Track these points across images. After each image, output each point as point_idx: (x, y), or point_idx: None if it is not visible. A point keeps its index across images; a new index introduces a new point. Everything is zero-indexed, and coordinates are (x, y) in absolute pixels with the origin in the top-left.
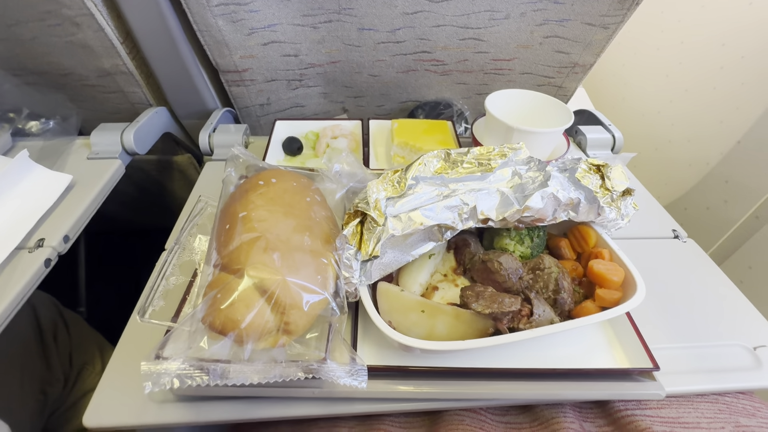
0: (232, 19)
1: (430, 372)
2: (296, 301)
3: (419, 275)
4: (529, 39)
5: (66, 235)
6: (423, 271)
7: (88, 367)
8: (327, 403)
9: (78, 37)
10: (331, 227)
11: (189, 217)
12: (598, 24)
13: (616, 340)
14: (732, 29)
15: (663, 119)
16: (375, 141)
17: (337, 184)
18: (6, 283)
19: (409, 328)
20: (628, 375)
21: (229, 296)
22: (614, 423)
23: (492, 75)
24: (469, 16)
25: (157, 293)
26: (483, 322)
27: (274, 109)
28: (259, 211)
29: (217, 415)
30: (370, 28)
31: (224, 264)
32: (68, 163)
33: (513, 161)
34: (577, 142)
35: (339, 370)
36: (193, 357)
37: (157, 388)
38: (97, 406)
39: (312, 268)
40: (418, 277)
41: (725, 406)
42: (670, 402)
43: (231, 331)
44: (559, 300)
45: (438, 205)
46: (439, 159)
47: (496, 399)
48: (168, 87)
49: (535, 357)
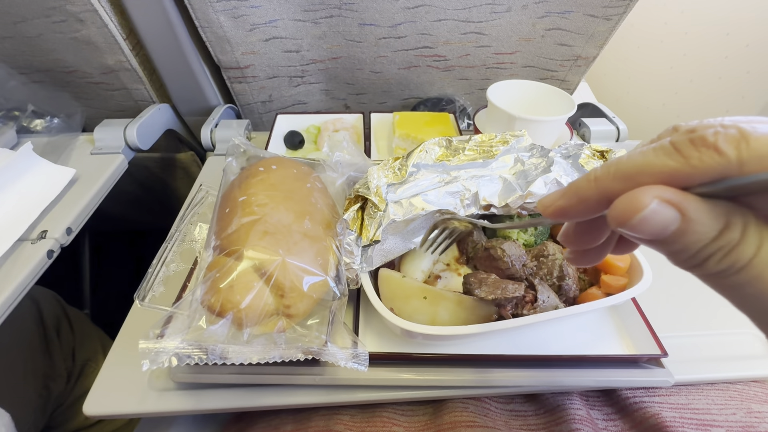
0: (233, 15)
1: (433, 359)
2: (296, 283)
3: (422, 262)
4: (531, 32)
5: (69, 227)
6: (426, 258)
7: (90, 363)
8: (328, 391)
9: (82, 33)
10: (331, 213)
11: (190, 206)
12: (601, 15)
13: (624, 328)
14: (736, 18)
15: (668, 111)
16: (376, 134)
17: (337, 172)
18: (9, 273)
19: (411, 315)
20: (636, 362)
21: (227, 277)
22: (622, 410)
23: (494, 69)
24: (470, 10)
25: (157, 279)
26: (486, 309)
27: (276, 106)
28: (259, 196)
29: (217, 403)
30: (371, 23)
31: (223, 246)
32: (72, 158)
33: (515, 148)
34: (581, 134)
35: (340, 353)
36: (192, 337)
37: (155, 366)
38: (98, 394)
39: (312, 252)
40: (420, 264)
41: (736, 393)
42: (679, 389)
43: (229, 312)
44: (564, 286)
45: (439, 191)
46: (441, 146)
47: (501, 387)
48: (171, 83)
49: (541, 345)
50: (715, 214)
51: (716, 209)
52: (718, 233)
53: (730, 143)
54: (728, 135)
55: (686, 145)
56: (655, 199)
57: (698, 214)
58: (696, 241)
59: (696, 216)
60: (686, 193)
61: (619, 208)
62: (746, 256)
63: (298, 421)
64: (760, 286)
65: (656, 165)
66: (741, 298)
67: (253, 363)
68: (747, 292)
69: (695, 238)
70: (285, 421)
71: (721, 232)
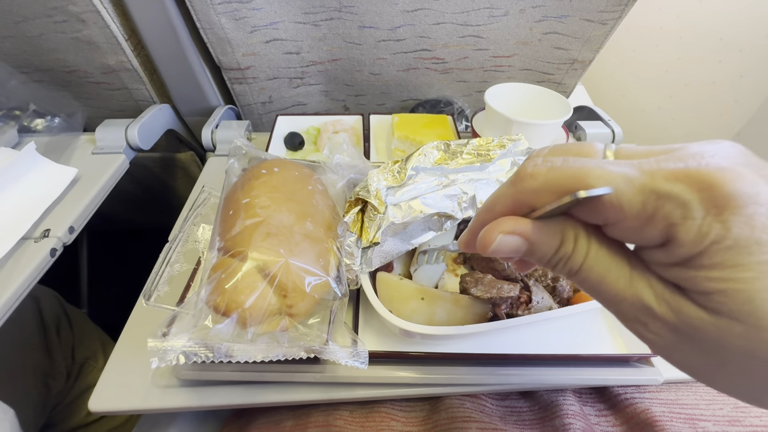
0: (234, 16)
1: (431, 357)
2: (298, 283)
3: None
4: (528, 35)
5: (71, 226)
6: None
7: (90, 362)
8: (328, 388)
9: (84, 33)
10: (332, 215)
11: (192, 207)
12: (597, 20)
13: (616, 329)
14: (729, 23)
15: (663, 114)
16: (376, 135)
17: (338, 174)
18: (12, 271)
19: (409, 316)
20: (627, 361)
21: (232, 278)
22: (614, 406)
23: (492, 72)
24: (469, 14)
25: (162, 279)
26: (481, 308)
27: (276, 107)
28: (261, 198)
29: (219, 400)
30: (370, 26)
31: (227, 248)
32: (73, 158)
33: (512, 152)
34: (576, 137)
35: (341, 351)
36: (198, 336)
37: (163, 363)
38: (102, 390)
39: (314, 253)
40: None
41: None
42: (668, 386)
43: (234, 312)
44: (558, 288)
45: (437, 194)
46: (439, 150)
47: (497, 384)
48: (171, 84)
49: (535, 345)
50: (552, 233)
51: (554, 228)
52: (557, 249)
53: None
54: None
55: (516, 176)
56: (499, 234)
57: (537, 235)
58: (544, 254)
59: (536, 238)
60: (527, 220)
61: (479, 242)
62: (578, 262)
63: (298, 417)
64: (593, 279)
65: (504, 195)
66: (585, 289)
67: (257, 361)
68: (587, 285)
69: (542, 253)
70: (285, 416)
71: (558, 248)
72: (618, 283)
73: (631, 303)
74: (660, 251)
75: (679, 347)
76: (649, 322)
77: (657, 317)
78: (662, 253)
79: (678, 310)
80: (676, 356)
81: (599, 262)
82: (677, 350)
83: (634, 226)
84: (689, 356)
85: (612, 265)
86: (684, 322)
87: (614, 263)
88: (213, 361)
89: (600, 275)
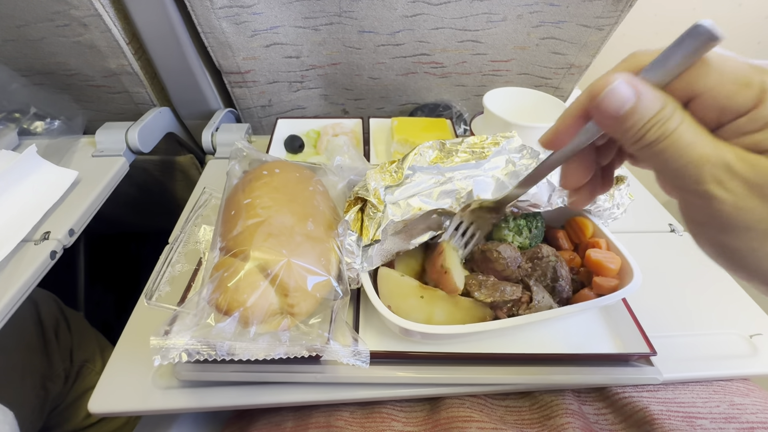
0: (235, 21)
1: (431, 357)
2: (300, 283)
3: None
4: (525, 40)
5: (71, 228)
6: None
7: (88, 365)
8: (329, 389)
9: (85, 37)
10: (333, 216)
11: (193, 208)
12: (593, 25)
13: (615, 328)
14: (723, 30)
15: None
16: (375, 139)
17: (338, 176)
18: (13, 274)
19: (408, 314)
20: (627, 360)
21: (234, 277)
22: (612, 405)
23: (490, 76)
24: (467, 19)
25: (164, 279)
26: (481, 310)
27: (275, 110)
28: (263, 199)
29: (220, 401)
30: (370, 30)
31: (229, 247)
32: (74, 161)
33: (506, 149)
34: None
35: (342, 350)
36: (200, 334)
37: (165, 361)
38: (102, 392)
39: (315, 252)
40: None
41: (720, 388)
42: (666, 386)
43: (236, 311)
44: (558, 288)
45: (435, 191)
46: (435, 149)
47: (496, 384)
48: (172, 87)
49: (534, 344)
50: (657, 95)
51: (657, 92)
52: (658, 110)
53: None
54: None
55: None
56: (619, 78)
57: (648, 93)
58: (644, 113)
59: (646, 94)
60: (641, 79)
61: (594, 85)
62: (674, 124)
63: (298, 418)
64: (683, 142)
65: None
66: (662, 162)
67: (259, 359)
68: (672, 151)
69: (644, 111)
70: (286, 417)
71: (660, 110)
72: (705, 146)
73: (714, 163)
74: (744, 119)
75: (749, 202)
76: (727, 179)
77: (736, 174)
78: (746, 120)
79: (756, 164)
80: (741, 216)
81: (691, 126)
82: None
83: (731, 90)
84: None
85: (699, 130)
86: (760, 175)
87: (701, 129)
88: (215, 359)
89: (691, 138)
